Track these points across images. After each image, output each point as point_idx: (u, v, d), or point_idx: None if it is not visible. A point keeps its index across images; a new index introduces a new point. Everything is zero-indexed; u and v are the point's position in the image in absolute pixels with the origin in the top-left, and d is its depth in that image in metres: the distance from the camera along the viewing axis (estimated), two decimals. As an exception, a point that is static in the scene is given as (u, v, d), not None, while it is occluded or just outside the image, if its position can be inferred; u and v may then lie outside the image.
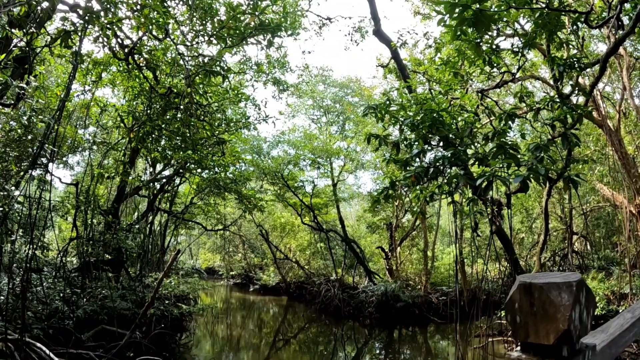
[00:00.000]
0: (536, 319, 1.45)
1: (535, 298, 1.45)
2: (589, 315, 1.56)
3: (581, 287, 1.45)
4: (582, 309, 1.50)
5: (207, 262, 43.54)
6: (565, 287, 1.41)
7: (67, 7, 9.11)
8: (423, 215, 8.73)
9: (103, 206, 16.00)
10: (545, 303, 1.43)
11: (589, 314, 1.56)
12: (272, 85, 18.58)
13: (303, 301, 28.06)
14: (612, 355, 1.87)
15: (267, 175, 25.19)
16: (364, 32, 17.56)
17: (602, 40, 18.39)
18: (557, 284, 1.42)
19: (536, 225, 24.07)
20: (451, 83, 9.47)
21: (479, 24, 5.42)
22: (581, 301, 1.46)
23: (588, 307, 1.54)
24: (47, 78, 15.27)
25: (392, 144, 7.44)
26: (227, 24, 10.61)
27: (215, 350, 17.20)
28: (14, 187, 9.37)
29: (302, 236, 32.24)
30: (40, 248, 11.98)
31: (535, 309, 1.45)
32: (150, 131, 12.28)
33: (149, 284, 15.53)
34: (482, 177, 5.63)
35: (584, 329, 1.52)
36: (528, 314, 1.47)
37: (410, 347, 18.74)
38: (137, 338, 12.21)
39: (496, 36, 8.44)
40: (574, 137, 7.04)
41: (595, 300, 1.64)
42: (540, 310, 1.44)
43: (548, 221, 14.42)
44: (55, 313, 11.27)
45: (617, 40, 8.11)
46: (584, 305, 1.50)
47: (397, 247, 25.05)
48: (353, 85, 28.64)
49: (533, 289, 1.46)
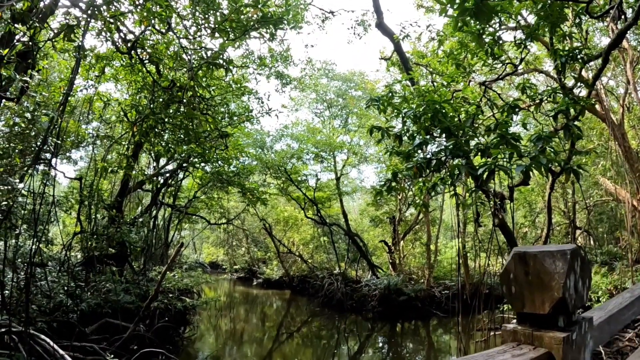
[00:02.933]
0: (531, 288, 1.46)
1: (530, 267, 1.46)
2: (585, 285, 1.57)
3: (576, 256, 1.46)
4: (577, 278, 1.51)
5: (210, 256, 43.66)
6: (559, 255, 1.42)
7: (69, 2, 9.12)
8: (426, 208, 8.73)
9: (107, 200, 16.05)
10: (539, 272, 1.44)
11: (585, 284, 1.57)
12: (275, 79, 18.59)
13: (306, 295, 28.12)
14: (611, 331, 1.89)
15: (271, 169, 25.21)
16: (367, 25, 17.53)
17: (606, 33, 18.31)
18: (551, 252, 1.43)
19: (539, 220, 24.03)
20: (453, 75, 9.46)
21: (481, 15, 5.43)
22: (576, 270, 1.47)
23: (583, 276, 1.55)
24: (50, 73, 15.30)
25: (395, 136, 7.44)
26: (230, 16, 10.60)
27: (218, 344, 17.27)
28: (17, 181, 9.39)
29: (305, 230, 32.28)
30: (44, 242, 12.05)
31: (530, 278, 1.46)
32: (154, 125, 12.29)
33: (152, 277, 15.60)
34: (484, 167, 5.64)
35: (580, 298, 1.53)
36: (523, 283, 1.48)
37: (412, 341, 18.77)
38: (141, 331, 12.28)
39: (499, 28, 8.42)
40: (577, 129, 7.02)
41: (591, 271, 1.66)
42: (535, 278, 1.45)
43: (551, 215, 14.38)
44: (60, 306, 11.32)
45: (620, 32, 8.08)
46: (579, 274, 1.52)
47: (400, 241, 25.06)
48: (356, 79, 28.60)
49: (527, 257, 1.47)
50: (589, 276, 1.62)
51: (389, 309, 21.12)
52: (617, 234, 22.20)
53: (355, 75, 28.78)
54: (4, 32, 8.96)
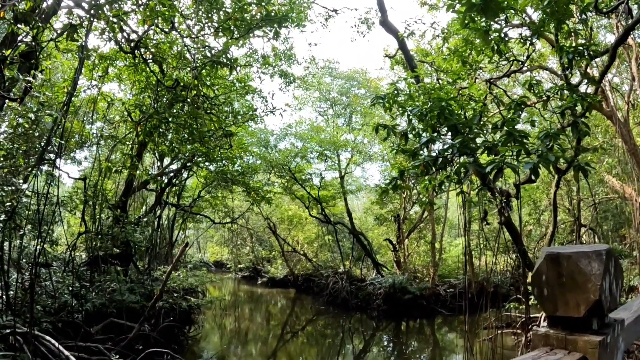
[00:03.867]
0: (564, 290, 1.41)
1: (563, 268, 1.41)
2: (618, 286, 1.52)
3: (610, 257, 1.41)
4: (612, 280, 1.46)
5: (215, 255, 43.68)
6: (595, 255, 1.37)
7: (72, 1, 9.09)
8: (432, 206, 8.68)
9: (111, 200, 16.05)
10: (574, 272, 1.38)
11: (618, 285, 1.52)
12: (279, 78, 18.54)
13: (311, 294, 28.11)
14: (637, 332, 1.83)
15: (275, 167, 25.19)
16: (370, 23, 17.44)
17: (610, 30, 18.22)
18: (586, 253, 1.38)
19: (544, 218, 23.94)
20: (459, 72, 9.40)
21: (488, 10, 5.37)
22: (610, 271, 1.42)
23: (617, 277, 1.50)
24: (53, 74, 15.30)
25: (401, 134, 7.39)
26: (234, 15, 10.56)
27: (223, 343, 17.26)
28: (21, 181, 9.38)
29: (309, 229, 32.26)
30: (49, 243, 12.03)
31: (564, 279, 1.41)
32: (158, 124, 12.27)
33: (157, 277, 15.59)
34: (491, 165, 5.58)
35: (614, 300, 1.48)
36: (556, 285, 1.43)
37: (417, 339, 18.73)
38: (146, 331, 12.27)
39: (504, 25, 8.36)
40: (584, 126, 6.96)
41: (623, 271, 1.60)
42: (569, 280, 1.40)
43: (557, 213, 14.31)
44: (65, 307, 11.32)
45: (627, 28, 8.01)
46: (613, 275, 1.46)
47: (405, 239, 25.01)
48: (360, 77, 28.51)
49: (561, 258, 1.41)
50: (622, 277, 1.57)
51: (394, 307, 21.08)
52: (622, 231, 22.09)
53: (359, 74, 28.69)
54: (7, 32, 8.94)
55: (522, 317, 13.94)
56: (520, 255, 12.39)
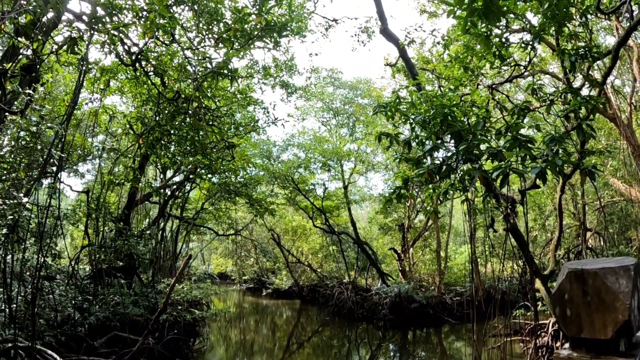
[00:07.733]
0: (590, 310, 1.33)
1: (588, 285, 1.33)
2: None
3: (638, 271, 1.32)
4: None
5: (219, 267, 43.60)
6: (622, 271, 1.29)
7: (72, 15, 9.07)
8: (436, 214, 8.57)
9: (114, 213, 16.02)
10: (600, 291, 1.31)
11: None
12: (280, 88, 18.50)
13: (316, 304, 27.97)
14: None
15: (278, 179, 25.11)
16: (371, 32, 17.43)
17: (610, 32, 18.18)
18: (613, 269, 1.30)
19: (549, 223, 23.82)
20: (461, 78, 9.33)
21: (490, 15, 5.30)
22: (638, 287, 1.34)
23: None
24: (55, 87, 15.30)
25: (404, 142, 7.31)
26: (233, 26, 10.53)
27: (228, 355, 17.13)
28: (22, 195, 9.33)
29: (313, 239, 32.15)
30: (51, 256, 11.98)
31: (590, 299, 1.33)
32: (160, 137, 12.22)
33: (161, 289, 15.49)
34: (498, 170, 5.50)
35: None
36: (580, 304, 1.35)
37: (425, 349, 18.56)
38: (150, 344, 12.17)
39: (505, 30, 8.31)
40: (590, 128, 6.88)
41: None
42: (596, 299, 1.32)
43: (562, 218, 14.19)
44: (68, 320, 11.25)
45: (629, 29, 7.97)
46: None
47: (410, 248, 24.89)
48: (362, 87, 28.44)
49: (586, 275, 1.34)
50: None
51: (400, 316, 20.94)
52: (629, 234, 21.94)
53: (361, 83, 28.63)
54: (8, 45, 8.93)
55: (530, 323, 13.80)
56: (527, 262, 12.26)
